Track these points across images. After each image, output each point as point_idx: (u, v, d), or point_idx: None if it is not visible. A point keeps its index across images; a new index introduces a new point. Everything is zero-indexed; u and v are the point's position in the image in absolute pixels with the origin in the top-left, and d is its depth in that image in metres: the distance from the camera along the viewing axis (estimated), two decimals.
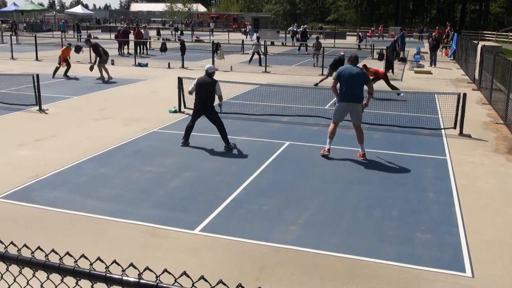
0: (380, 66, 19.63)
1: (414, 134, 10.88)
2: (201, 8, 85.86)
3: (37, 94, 12.69)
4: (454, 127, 10.94)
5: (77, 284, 1.94)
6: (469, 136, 10.74)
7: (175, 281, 1.73)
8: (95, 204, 6.70)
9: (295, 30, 38.88)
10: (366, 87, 8.87)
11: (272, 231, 5.92)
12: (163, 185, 7.50)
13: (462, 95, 10.88)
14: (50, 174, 7.90)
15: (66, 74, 18.81)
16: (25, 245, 2.10)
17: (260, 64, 23.45)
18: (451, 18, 67.77)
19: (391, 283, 4.83)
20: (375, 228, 6.08)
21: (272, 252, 5.42)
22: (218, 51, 23.59)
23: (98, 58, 18.34)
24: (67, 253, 2.06)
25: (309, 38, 35.39)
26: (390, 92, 15.05)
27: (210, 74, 9.44)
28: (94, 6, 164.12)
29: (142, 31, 30.52)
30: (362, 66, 14.69)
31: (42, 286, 2.08)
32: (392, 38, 38.35)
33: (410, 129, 11.20)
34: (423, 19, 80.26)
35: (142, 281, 1.70)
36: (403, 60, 26.58)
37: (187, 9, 79.00)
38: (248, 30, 45.18)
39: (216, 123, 9.45)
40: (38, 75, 12.88)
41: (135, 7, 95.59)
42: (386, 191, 7.36)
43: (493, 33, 50.46)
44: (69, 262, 1.93)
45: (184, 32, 47.90)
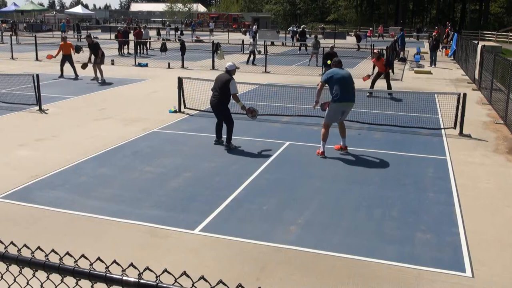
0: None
1: (414, 134, 10.88)
2: (201, 8, 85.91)
3: (37, 94, 12.70)
4: (454, 127, 10.93)
5: (77, 284, 1.94)
6: (469, 136, 10.74)
7: (175, 281, 1.73)
8: (95, 204, 6.70)
9: (295, 30, 38.83)
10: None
11: (272, 231, 5.92)
12: (163, 185, 7.50)
13: (462, 95, 10.88)
14: (50, 174, 7.90)
15: (62, 72, 18.64)
16: (25, 245, 2.10)
17: (252, 63, 23.76)
18: (451, 18, 67.72)
19: (391, 283, 4.83)
20: (375, 228, 6.08)
21: (272, 252, 5.42)
22: (218, 51, 23.57)
23: (94, 58, 18.01)
24: (67, 253, 2.06)
25: (307, 38, 35.38)
26: (390, 92, 15.17)
27: (229, 72, 9.44)
28: (94, 6, 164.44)
29: (142, 31, 30.52)
30: (376, 57, 15.20)
31: (42, 286, 2.08)
32: (392, 38, 38.38)
33: (410, 129, 11.20)
34: (423, 19, 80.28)
35: (142, 281, 1.70)
36: (403, 60, 26.59)
37: (187, 9, 79.04)
38: (254, 30, 44.99)
39: (225, 120, 9.48)
40: (38, 75, 12.88)
41: (135, 7, 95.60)
42: (386, 191, 7.36)
43: (493, 33, 50.45)
44: (69, 262, 1.93)
45: (184, 32, 47.91)
